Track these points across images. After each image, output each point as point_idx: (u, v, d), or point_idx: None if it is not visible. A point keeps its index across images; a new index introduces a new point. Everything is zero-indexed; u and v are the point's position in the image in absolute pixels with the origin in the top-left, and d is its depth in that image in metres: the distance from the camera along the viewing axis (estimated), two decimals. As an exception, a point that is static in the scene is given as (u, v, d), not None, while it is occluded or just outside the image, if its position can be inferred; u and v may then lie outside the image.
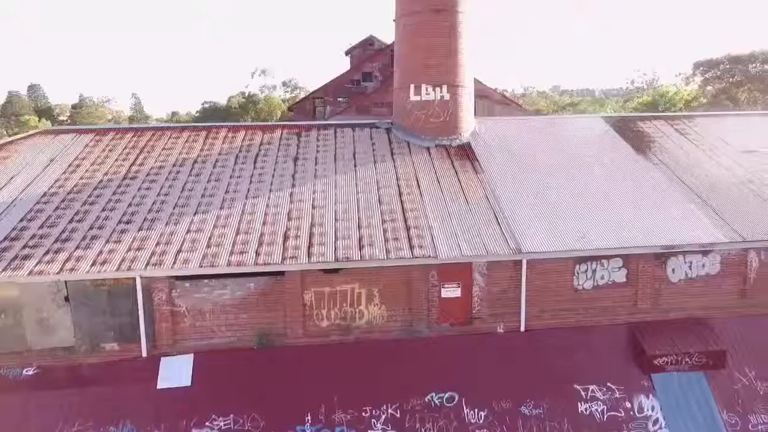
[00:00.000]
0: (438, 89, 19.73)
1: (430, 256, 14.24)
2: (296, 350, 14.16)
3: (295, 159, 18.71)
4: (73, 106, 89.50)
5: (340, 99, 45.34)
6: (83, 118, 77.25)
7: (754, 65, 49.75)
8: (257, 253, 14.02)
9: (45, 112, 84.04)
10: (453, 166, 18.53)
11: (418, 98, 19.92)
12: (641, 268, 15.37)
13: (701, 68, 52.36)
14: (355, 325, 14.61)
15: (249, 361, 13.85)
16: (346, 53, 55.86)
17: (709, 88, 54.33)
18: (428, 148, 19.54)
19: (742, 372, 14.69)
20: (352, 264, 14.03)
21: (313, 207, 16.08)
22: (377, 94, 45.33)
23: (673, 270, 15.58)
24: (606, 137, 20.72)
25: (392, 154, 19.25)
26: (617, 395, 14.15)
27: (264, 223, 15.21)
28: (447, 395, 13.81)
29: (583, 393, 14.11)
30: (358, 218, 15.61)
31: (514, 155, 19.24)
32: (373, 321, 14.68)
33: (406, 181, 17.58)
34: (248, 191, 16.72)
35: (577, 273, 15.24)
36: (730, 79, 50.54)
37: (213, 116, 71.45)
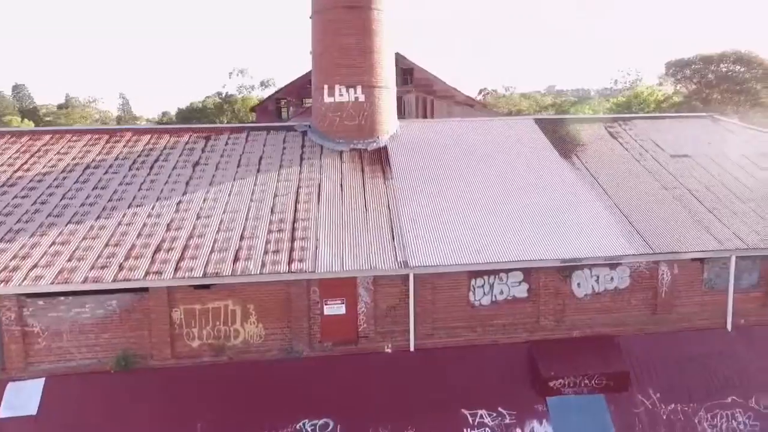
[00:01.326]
0: (352, 90, 18.72)
1: (306, 271, 13.22)
2: (162, 373, 13.13)
3: (196, 164, 17.68)
4: (59, 107, 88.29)
5: (305, 100, 44.33)
6: (66, 118, 76.03)
7: (725, 65, 48.75)
8: (121, 268, 12.97)
9: (30, 112, 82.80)
10: (362, 172, 17.53)
11: (331, 100, 18.91)
12: (543, 283, 14.36)
13: (672, 69, 51.29)
14: (229, 345, 13.59)
15: (108, 385, 12.82)
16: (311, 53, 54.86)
17: (680, 88, 53.36)
18: (341, 153, 18.53)
19: (646, 394, 13.69)
20: (220, 279, 13.00)
21: (198, 217, 15.05)
22: (339, 95, 44.37)
23: (578, 284, 14.57)
24: (532, 141, 19.72)
25: (301, 159, 18.23)
26: (507, 421, 13.14)
27: (139, 235, 14.17)
28: (321, 422, 12.79)
29: (470, 418, 13.10)
30: (243, 229, 14.59)
31: (430, 160, 18.24)
32: (249, 340, 13.65)
33: (308, 188, 16.57)
34: (133, 199, 15.69)
35: (473, 288, 14.23)
36: (701, 80, 49.52)
37: (189, 117, 70.35)
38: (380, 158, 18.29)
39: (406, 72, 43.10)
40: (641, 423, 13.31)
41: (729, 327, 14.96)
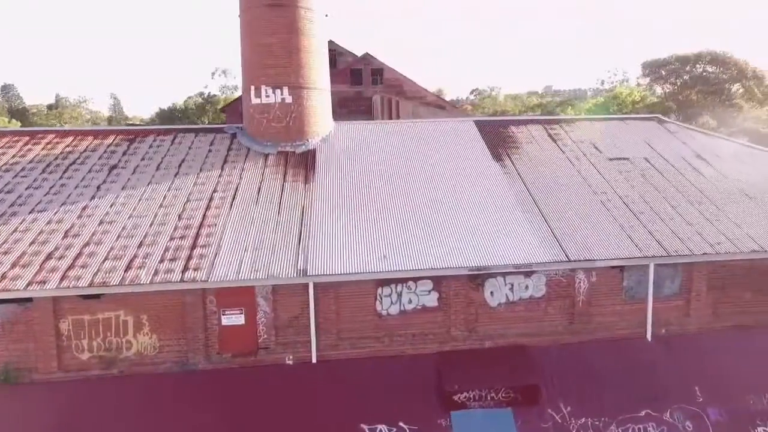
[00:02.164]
0: (278, 91, 18.19)
1: (199, 280, 12.68)
2: (48, 386, 12.57)
3: (113, 168, 17.12)
4: (49, 107, 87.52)
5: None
6: (57, 118, 75.22)
7: (700, 65, 48.28)
8: (3, 277, 12.42)
9: (19, 113, 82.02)
10: (284, 176, 16.99)
11: (258, 101, 18.37)
12: (454, 291, 13.83)
13: (648, 69, 50.80)
14: (121, 358, 13.04)
15: (-12, 399, 12.26)
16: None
17: (657, 88, 52.90)
18: (267, 155, 17.99)
19: (556, 408, 13.14)
20: (106, 289, 12.44)
21: (101, 222, 14.50)
22: (308, 95, 43.81)
23: (491, 293, 14.04)
24: (468, 143, 19.20)
25: (225, 162, 17.69)
26: (408, 436, 12.61)
27: (32, 242, 13.62)
28: (211, 438, 12.23)
29: (369, 434, 12.56)
30: (145, 235, 14.04)
31: (357, 164, 17.71)
32: (143, 352, 13.11)
33: (223, 193, 16.03)
34: (37, 204, 15.13)
35: (380, 297, 13.70)
36: (676, 80, 49.04)
37: (171, 118, 69.70)
38: (306, 161, 17.76)
39: (375, 72, 42.69)
40: (548, 438, 12.77)
41: (649, 337, 14.45)
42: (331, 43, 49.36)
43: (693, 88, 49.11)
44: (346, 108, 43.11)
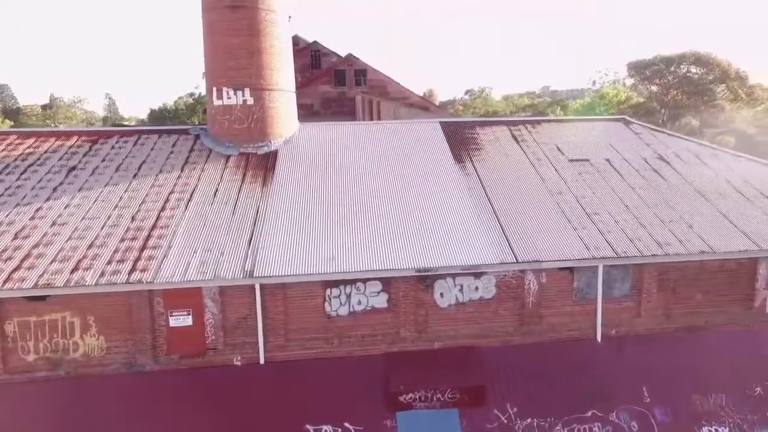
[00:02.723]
0: (240, 93, 18.21)
1: (145, 281, 12.71)
2: (-7, 388, 12.60)
3: (72, 169, 17.13)
4: (44, 107, 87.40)
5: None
6: (51, 119, 75.13)
7: (684, 66, 48.42)
8: (-53, 279, 12.45)
9: (13, 113, 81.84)
10: (243, 177, 17.03)
11: (220, 102, 18.40)
12: (404, 293, 13.88)
13: (632, 70, 50.94)
14: (68, 359, 13.06)
15: (-69, 401, 12.28)
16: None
17: (643, 89, 53.05)
18: (228, 157, 18.02)
19: (503, 409, 13.22)
20: (49, 291, 12.46)
21: (53, 224, 14.52)
22: (291, 96, 43.88)
23: (441, 294, 14.09)
24: (431, 144, 19.25)
25: (185, 163, 17.72)
26: (352, 437, 12.67)
27: (-18, 244, 13.64)
28: (153, 438, 12.28)
29: (314, 434, 12.62)
30: (96, 236, 14.07)
31: (317, 166, 17.75)
32: (90, 354, 13.13)
33: (180, 194, 16.05)
34: (-10, 206, 15.15)
35: (329, 298, 13.74)
36: (658, 80, 49.19)
37: (161, 118, 69.67)
38: (266, 163, 17.80)
39: (359, 73, 42.80)
40: (493, 439, 12.84)
41: (599, 338, 14.52)
42: (315, 44, 49.57)
43: (678, 88, 49.30)
44: (330, 109, 43.22)
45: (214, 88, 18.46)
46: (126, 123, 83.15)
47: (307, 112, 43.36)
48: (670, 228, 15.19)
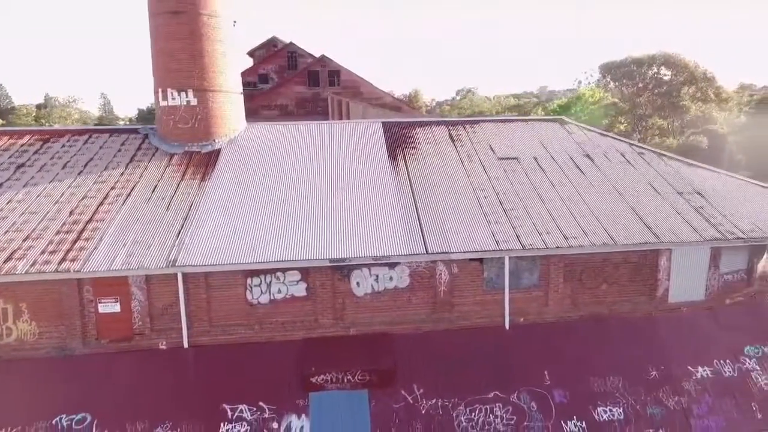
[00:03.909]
0: (183, 94, 19.12)
1: (73, 271, 13.61)
2: (-71, 370, 13.49)
3: (20, 167, 18.02)
4: (38, 107, 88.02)
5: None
6: (46, 118, 75.67)
7: (654, 67, 49.38)
8: None
9: (8, 112, 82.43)
10: (183, 174, 17.93)
11: (165, 103, 19.30)
12: (321, 282, 14.81)
13: (603, 71, 51.90)
14: (2, 344, 13.96)
15: None
16: (249, 54, 55.20)
17: (615, 89, 53.98)
18: (172, 155, 18.92)
19: (410, 390, 14.14)
20: (-19, 279, 13.37)
21: (-6, 218, 15.41)
22: (265, 97, 44.83)
23: (357, 283, 15.03)
24: (369, 143, 20.17)
25: (130, 161, 18.61)
26: (266, 415, 13.56)
27: (-77, 236, 14.52)
28: (78, 417, 13.18)
29: (230, 413, 13.50)
30: (33, 230, 14.96)
31: (257, 163, 18.66)
32: (22, 338, 14.05)
33: (120, 190, 16.95)
34: (-63, 201, 16.02)
35: (251, 287, 14.67)
36: (628, 81, 50.16)
37: (150, 117, 70.43)
38: (208, 161, 18.70)
39: (333, 74, 43.72)
40: (398, 417, 13.75)
41: (506, 325, 15.45)
42: (291, 45, 50.45)
43: (651, 90, 50.28)
44: (304, 108, 44.15)
45: (160, 90, 19.36)
46: (121, 122, 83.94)
47: (282, 112, 44.34)
48: (578, 222, 16.13)
